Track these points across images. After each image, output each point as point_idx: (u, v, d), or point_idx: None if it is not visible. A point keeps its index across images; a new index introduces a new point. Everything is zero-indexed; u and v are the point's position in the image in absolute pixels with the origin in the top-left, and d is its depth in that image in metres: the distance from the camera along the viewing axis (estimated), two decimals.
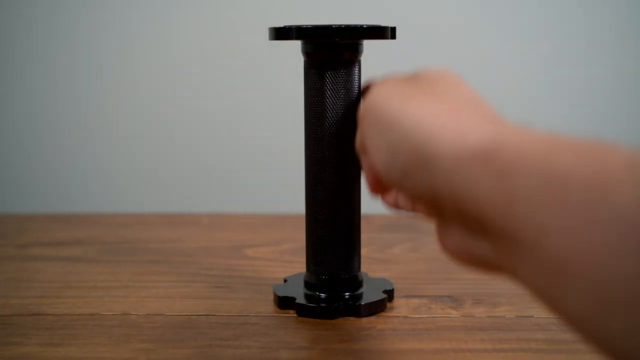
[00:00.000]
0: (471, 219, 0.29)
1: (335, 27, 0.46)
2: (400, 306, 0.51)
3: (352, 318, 0.49)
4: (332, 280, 0.50)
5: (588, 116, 0.84)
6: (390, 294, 0.51)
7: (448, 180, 0.30)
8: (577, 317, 0.25)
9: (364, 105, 0.39)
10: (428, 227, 0.73)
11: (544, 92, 0.84)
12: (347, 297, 0.50)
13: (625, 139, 0.26)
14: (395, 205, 0.45)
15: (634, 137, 0.84)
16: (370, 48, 0.50)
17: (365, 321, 0.48)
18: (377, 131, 0.35)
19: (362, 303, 0.49)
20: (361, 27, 0.47)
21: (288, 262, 0.62)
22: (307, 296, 0.50)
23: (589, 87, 0.84)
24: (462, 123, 0.31)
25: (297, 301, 0.50)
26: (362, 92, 0.48)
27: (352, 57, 0.48)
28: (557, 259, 0.24)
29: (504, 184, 0.27)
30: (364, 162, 0.42)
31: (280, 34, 0.47)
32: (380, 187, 0.42)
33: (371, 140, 0.36)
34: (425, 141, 0.31)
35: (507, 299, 0.52)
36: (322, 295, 0.50)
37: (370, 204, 0.56)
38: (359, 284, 0.51)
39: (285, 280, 0.54)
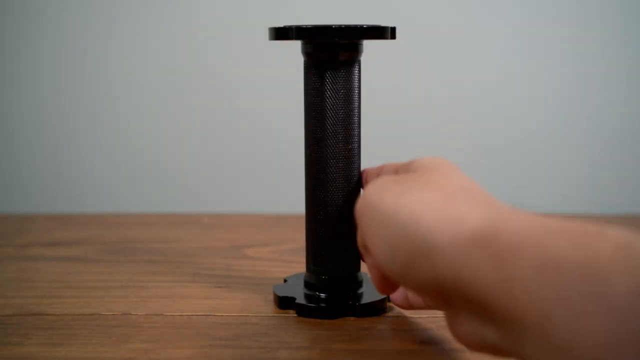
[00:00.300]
0: (476, 305, 0.30)
1: (335, 27, 0.46)
2: None
3: (352, 318, 0.49)
4: (332, 280, 0.50)
5: (588, 116, 0.84)
6: None
7: (449, 269, 0.30)
8: None
9: (359, 204, 0.39)
10: None
11: (544, 92, 0.84)
12: (347, 297, 0.50)
13: (624, 139, 0.26)
14: (407, 304, 0.47)
15: (634, 137, 0.84)
16: (370, 48, 0.50)
17: (365, 321, 0.48)
18: (374, 228, 0.36)
19: (362, 303, 0.49)
20: (361, 27, 0.47)
21: (288, 262, 0.62)
22: (307, 296, 0.50)
23: (589, 86, 0.84)
24: (456, 210, 0.31)
25: (297, 301, 0.50)
26: (362, 184, 0.49)
27: (352, 57, 0.48)
28: (561, 344, 0.25)
29: (502, 272, 0.28)
30: (367, 260, 0.43)
31: (280, 34, 0.47)
32: (387, 285, 0.42)
33: (370, 237, 0.37)
34: (422, 233, 0.32)
35: None
36: (322, 295, 0.50)
37: None
38: (359, 284, 0.51)
39: (285, 280, 0.54)
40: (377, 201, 0.36)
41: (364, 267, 0.53)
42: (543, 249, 0.26)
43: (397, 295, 0.47)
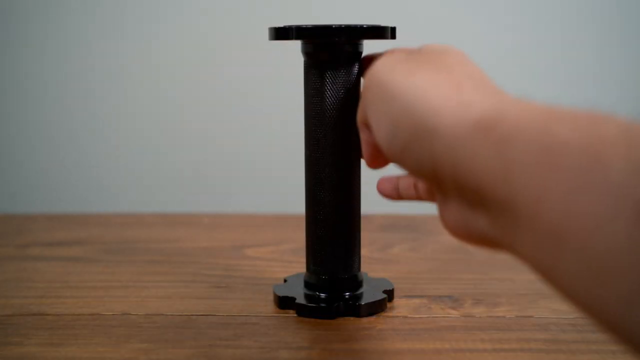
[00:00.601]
0: (470, 191, 0.30)
1: (335, 27, 0.46)
2: (400, 306, 0.51)
3: (352, 318, 0.49)
4: (332, 280, 0.50)
5: None
6: (390, 294, 0.51)
7: (448, 152, 0.30)
8: (572, 287, 0.25)
9: (367, 77, 0.38)
10: (428, 227, 0.73)
11: (544, 92, 0.84)
12: (347, 297, 0.50)
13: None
14: (396, 195, 0.45)
15: None
16: (370, 48, 0.50)
17: (365, 321, 0.48)
18: (379, 104, 0.35)
19: (362, 303, 0.49)
20: (361, 27, 0.47)
21: (288, 262, 0.62)
22: (307, 296, 0.50)
23: (590, 87, 0.84)
24: (464, 95, 0.31)
25: (297, 301, 0.50)
26: (363, 64, 0.48)
27: (352, 57, 0.48)
28: (553, 228, 0.25)
29: (502, 154, 0.27)
30: (363, 135, 0.42)
31: (280, 34, 0.47)
32: (378, 161, 0.42)
33: (373, 112, 0.36)
34: (427, 114, 0.31)
35: (507, 299, 0.52)
36: (322, 295, 0.50)
37: (370, 204, 0.56)
38: (359, 284, 0.51)
39: (285, 280, 0.54)
40: (386, 76, 0.35)
41: (364, 267, 0.53)
42: (545, 133, 0.26)
43: (386, 185, 0.46)
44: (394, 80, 0.34)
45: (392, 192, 0.46)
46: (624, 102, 0.84)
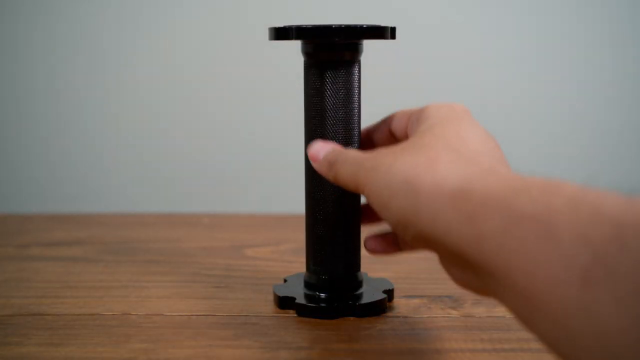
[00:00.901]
0: (455, 256, 0.33)
1: (335, 27, 0.46)
2: (400, 306, 0.51)
3: (352, 318, 0.49)
4: (332, 280, 0.50)
5: (588, 115, 0.84)
6: (390, 294, 0.51)
7: (430, 225, 0.34)
8: (548, 340, 0.28)
9: (362, 173, 0.41)
10: None
11: (545, 92, 0.84)
12: (347, 297, 0.50)
13: (623, 139, 0.27)
14: (395, 248, 0.48)
15: (632, 137, 0.84)
16: (370, 48, 0.50)
17: (365, 321, 0.48)
18: (373, 187, 0.39)
19: (362, 303, 0.49)
20: (361, 27, 0.47)
21: (288, 262, 0.62)
22: (307, 296, 0.50)
23: (589, 86, 0.84)
24: (438, 173, 0.35)
25: (297, 301, 0.50)
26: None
27: (352, 57, 0.48)
28: (522, 290, 0.28)
29: (473, 227, 0.31)
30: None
31: (280, 34, 0.47)
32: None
33: (369, 190, 0.40)
34: (410, 195, 0.36)
35: None
36: (322, 295, 0.50)
37: None
38: (359, 284, 0.51)
39: (285, 280, 0.54)
40: (376, 166, 0.39)
41: (363, 267, 0.53)
42: (508, 206, 0.30)
43: (377, 243, 0.48)
44: (382, 171, 0.38)
45: (388, 248, 0.48)
46: (625, 103, 0.84)
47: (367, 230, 0.49)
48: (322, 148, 0.46)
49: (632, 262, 0.25)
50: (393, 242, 0.47)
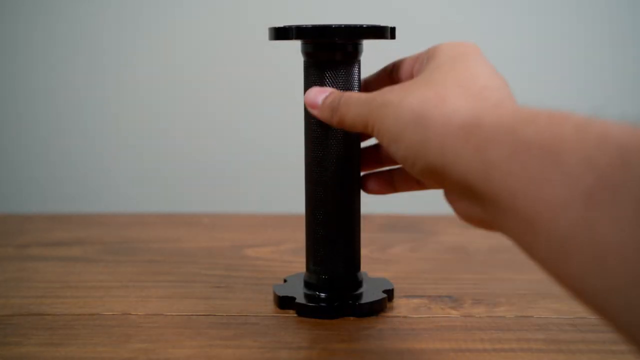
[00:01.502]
0: (462, 187, 0.34)
1: (334, 27, 0.46)
2: (400, 306, 0.51)
3: (352, 318, 0.49)
4: (332, 280, 0.50)
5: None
6: (390, 294, 0.51)
7: (439, 157, 0.35)
8: (547, 264, 0.29)
9: (372, 106, 0.42)
10: (428, 227, 0.73)
11: (545, 92, 0.84)
12: (347, 297, 0.50)
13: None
14: (390, 189, 0.49)
15: None
16: (370, 48, 0.50)
17: (365, 321, 0.48)
18: (384, 121, 0.40)
19: (362, 303, 0.49)
20: (361, 27, 0.47)
21: (288, 262, 0.62)
22: (307, 296, 0.50)
23: (589, 86, 0.84)
24: (447, 107, 0.36)
25: (297, 301, 0.50)
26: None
27: (351, 57, 0.48)
28: (526, 216, 0.29)
29: (481, 156, 0.32)
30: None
31: (280, 34, 0.47)
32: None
33: (378, 126, 0.40)
34: (419, 127, 0.36)
35: (507, 299, 0.52)
36: (322, 295, 0.50)
37: (370, 204, 0.56)
38: (359, 284, 0.51)
39: (285, 280, 0.54)
40: (386, 102, 0.40)
41: (364, 267, 0.53)
42: (514, 136, 0.31)
43: (375, 183, 0.49)
44: (392, 103, 0.39)
45: (384, 188, 0.50)
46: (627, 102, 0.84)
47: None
48: (320, 93, 0.46)
49: (635, 182, 0.25)
50: (390, 183, 0.49)
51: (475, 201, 0.34)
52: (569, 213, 0.27)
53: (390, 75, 0.49)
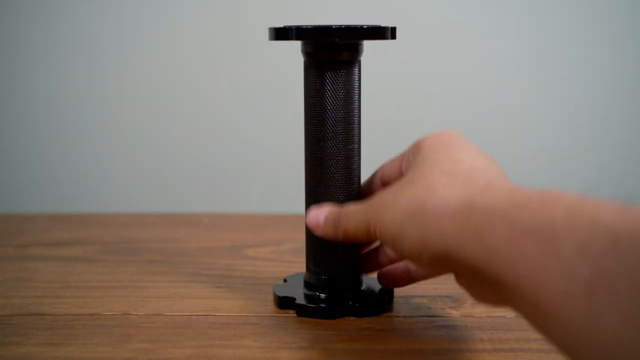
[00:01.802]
0: (469, 272, 0.35)
1: (335, 27, 0.46)
2: (400, 306, 0.51)
3: (352, 318, 0.49)
4: (332, 280, 0.50)
5: (587, 115, 0.84)
6: (390, 294, 0.51)
7: (440, 245, 0.36)
8: (560, 346, 0.30)
9: (368, 216, 0.43)
10: None
11: (545, 92, 0.84)
12: (347, 297, 0.50)
13: (623, 139, 0.28)
14: (407, 279, 0.50)
15: (632, 137, 0.84)
16: (370, 48, 0.50)
17: (365, 321, 0.48)
18: (384, 223, 0.40)
19: (362, 303, 0.49)
20: (361, 27, 0.47)
21: (288, 262, 0.62)
22: (307, 296, 0.50)
23: (589, 86, 0.84)
24: (438, 197, 0.37)
25: (297, 301, 0.50)
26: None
27: (352, 57, 0.48)
28: (534, 302, 0.30)
29: (481, 243, 0.33)
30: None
31: (280, 34, 0.47)
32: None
33: (380, 229, 0.41)
34: (416, 224, 0.37)
35: None
36: (322, 295, 0.50)
37: None
38: (359, 284, 0.51)
39: (285, 280, 0.54)
40: (381, 205, 0.41)
41: None
42: (509, 221, 0.31)
43: (391, 277, 0.50)
44: (385, 206, 0.40)
45: (402, 280, 0.50)
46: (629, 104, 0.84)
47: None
48: (320, 212, 0.47)
49: (629, 273, 0.26)
50: (407, 274, 0.50)
51: (484, 284, 0.34)
52: (572, 302, 0.28)
53: (381, 180, 0.50)
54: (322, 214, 0.47)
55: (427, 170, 0.40)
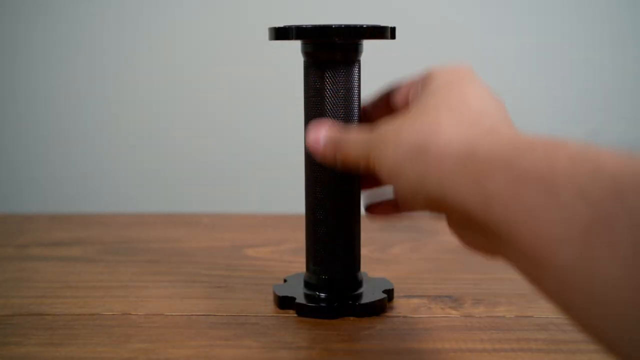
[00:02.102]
0: (463, 217, 0.34)
1: (334, 27, 0.46)
2: (400, 306, 0.51)
3: (352, 318, 0.49)
4: (332, 280, 0.50)
5: (588, 115, 0.84)
6: (390, 294, 0.51)
7: (438, 188, 0.35)
8: (551, 296, 0.30)
9: (372, 141, 0.42)
10: (428, 227, 0.73)
11: (545, 92, 0.84)
12: (347, 297, 0.50)
13: (624, 139, 0.27)
14: (394, 211, 0.48)
15: (632, 137, 0.84)
16: (370, 48, 0.50)
17: (365, 321, 0.48)
18: (384, 154, 0.39)
19: (362, 303, 0.49)
20: (361, 27, 0.47)
21: (288, 262, 0.62)
22: (307, 296, 0.50)
23: (589, 86, 0.84)
24: (442, 136, 0.36)
25: (297, 301, 0.50)
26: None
27: (352, 57, 0.48)
28: (527, 250, 0.29)
29: (480, 188, 0.32)
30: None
31: (280, 34, 0.47)
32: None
33: (379, 160, 0.40)
34: (418, 159, 0.36)
35: (507, 299, 0.52)
36: (322, 295, 0.50)
37: None
38: (359, 284, 0.51)
39: (285, 280, 0.54)
40: (382, 138, 0.40)
41: (364, 267, 0.53)
42: (510, 167, 0.31)
43: (379, 209, 0.48)
44: (390, 139, 0.39)
45: (388, 211, 0.48)
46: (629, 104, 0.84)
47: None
48: (319, 134, 0.45)
49: (630, 216, 0.25)
50: (394, 205, 0.48)
51: (477, 231, 0.34)
52: (568, 248, 0.27)
53: (387, 101, 0.48)
54: (322, 136, 0.45)
55: (435, 104, 0.39)
